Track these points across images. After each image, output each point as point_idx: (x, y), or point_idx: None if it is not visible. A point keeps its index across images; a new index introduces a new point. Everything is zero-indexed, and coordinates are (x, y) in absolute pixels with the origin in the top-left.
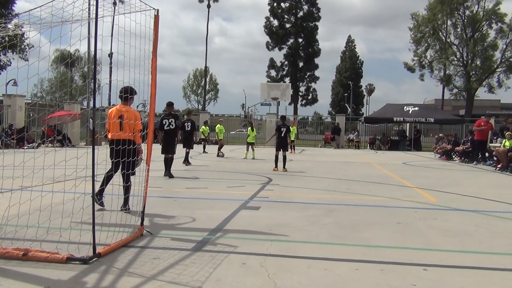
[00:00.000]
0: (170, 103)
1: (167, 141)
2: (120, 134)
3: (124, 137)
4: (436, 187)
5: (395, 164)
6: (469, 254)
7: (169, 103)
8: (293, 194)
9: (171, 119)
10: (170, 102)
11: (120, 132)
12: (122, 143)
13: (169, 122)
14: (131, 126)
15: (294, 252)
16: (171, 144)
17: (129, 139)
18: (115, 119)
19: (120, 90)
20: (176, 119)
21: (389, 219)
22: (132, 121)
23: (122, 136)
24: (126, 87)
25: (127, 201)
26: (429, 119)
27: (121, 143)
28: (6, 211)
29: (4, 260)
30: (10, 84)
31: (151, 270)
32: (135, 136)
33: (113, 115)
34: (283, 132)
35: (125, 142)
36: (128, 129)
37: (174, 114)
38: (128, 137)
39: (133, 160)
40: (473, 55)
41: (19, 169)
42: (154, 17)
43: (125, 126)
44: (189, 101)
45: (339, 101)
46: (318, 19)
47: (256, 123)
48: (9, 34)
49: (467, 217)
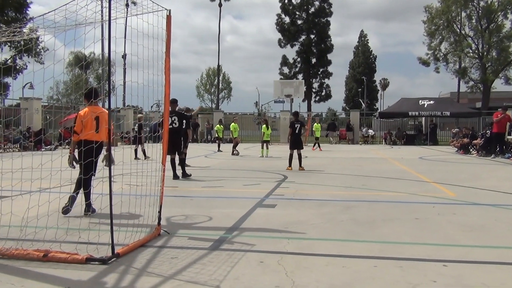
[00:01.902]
0: (174, 100)
1: (172, 140)
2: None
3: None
4: (454, 181)
5: (411, 159)
6: (489, 249)
7: (172, 100)
8: (309, 191)
9: (174, 117)
10: (173, 99)
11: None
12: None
13: (172, 120)
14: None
15: (312, 249)
16: (177, 143)
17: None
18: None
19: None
20: (183, 117)
21: (407, 215)
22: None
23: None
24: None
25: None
26: (445, 113)
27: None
28: (25, 213)
29: (25, 261)
30: (27, 87)
31: (169, 270)
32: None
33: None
34: (297, 128)
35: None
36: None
37: (179, 112)
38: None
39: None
40: (489, 46)
41: (38, 171)
42: (166, 17)
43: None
44: (202, 100)
45: (353, 97)
46: (330, 15)
47: (270, 121)
48: (24, 38)
49: (486, 212)
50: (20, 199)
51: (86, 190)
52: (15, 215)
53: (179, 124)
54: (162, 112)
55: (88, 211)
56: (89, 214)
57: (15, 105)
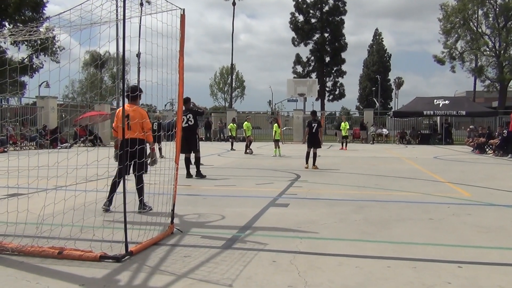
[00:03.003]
0: (187, 99)
1: (187, 139)
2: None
3: (134, 136)
4: (469, 181)
5: (426, 158)
6: (506, 251)
7: (185, 99)
8: (321, 191)
9: (189, 115)
10: (186, 97)
11: (129, 132)
12: (132, 143)
13: (187, 118)
14: (139, 125)
15: (324, 249)
16: (193, 141)
17: (139, 138)
18: None
19: (126, 89)
20: (197, 115)
21: (421, 215)
22: (137, 119)
23: (132, 135)
24: (132, 85)
25: (142, 202)
26: (461, 112)
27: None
28: (41, 210)
29: (41, 258)
30: (43, 86)
31: (182, 268)
32: (146, 136)
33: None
34: (314, 128)
35: (136, 141)
36: (137, 129)
37: (194, 110)
38: (138, 136)
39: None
40: (506, 45)
41: (54, 169)
42: (180, 16)
43: (132, 126)
44: (216, 98)
45: (367, 96)
46: (344, 13)
47: (283, 120)
48: (40, 37)
49: (502, 213)
50: (36, 197)
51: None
52: (31, 212)
53: (194, 122)
54: (175, 111)
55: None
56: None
57: (31, 104)
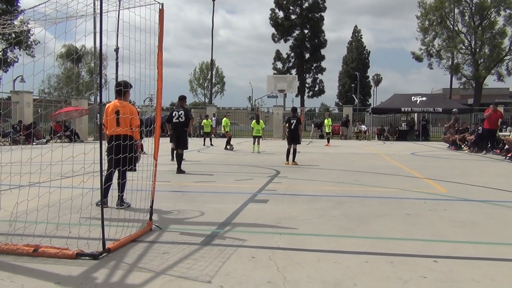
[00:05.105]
0: (183, 97)
1: (177, 135)
2: (118, 129)
3: (123, 132)
4: (445, 177)
5: (403, 154)
6: (480, 245)
7: (181, 96)
8: (301, 187)
9: (181, 112)
10: (182, 95)
11: (118, 128)
12: (121, 139)
13: (179, 114)
14: (127, 121)
15: (303, 245)
16: (182, 138)
17: (128, 135)
18: (112, 115)
19: (115, 85)
20: (188, 114)
21: (398, 210)
22: (127, 115)
23: (121, 132)
24: (120, 81)
25: (121, 198)
26: (437, 109)
27: (120, 139)
28: (15, 207)
29: (15, 256)
30: (18, 80)
31: (160, 265)
32: (133, 132)
33: (110, 111)
34: (293, 124)
35: (124, 137)
36: (125, 124)
37: (186, 109)
38: (126, 132)
39: (133, 156)
40: (482, 43)
41: (27, 165)
42: (159, 11)
43: (121, 122)
44: (195, 94)
45: (346, 92)
46: (324, 10)
47: (263, 116)
48: (15, 31)
49: (477, 208)
50: (9, 194)
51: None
52: (4, 209)
53: (184, 119)
54: (154, 107)
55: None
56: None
57: (5, 99)
